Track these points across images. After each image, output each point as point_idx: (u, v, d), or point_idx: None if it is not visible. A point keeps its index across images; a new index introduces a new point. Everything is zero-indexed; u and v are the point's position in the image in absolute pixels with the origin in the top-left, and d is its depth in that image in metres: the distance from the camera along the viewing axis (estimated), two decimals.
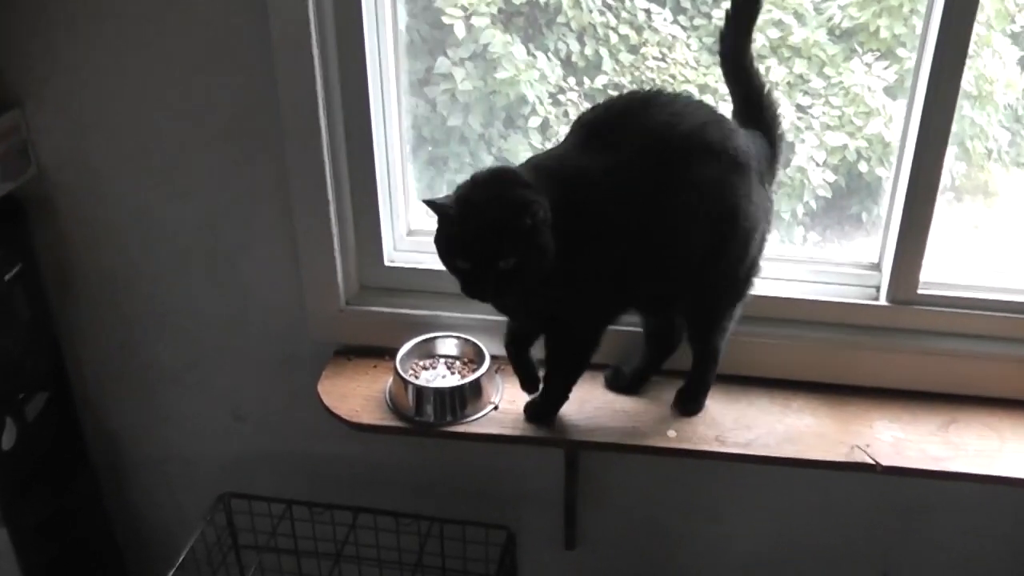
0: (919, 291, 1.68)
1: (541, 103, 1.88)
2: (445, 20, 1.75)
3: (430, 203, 1.38)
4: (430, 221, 1.79)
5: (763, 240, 1.52)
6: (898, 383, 1.70)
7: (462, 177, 1.89)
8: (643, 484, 1.88)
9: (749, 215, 1.45)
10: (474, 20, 1.79)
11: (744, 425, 1.61)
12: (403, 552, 1.84)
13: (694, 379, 1.62)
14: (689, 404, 1.63)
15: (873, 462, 1.56)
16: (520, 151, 1.85)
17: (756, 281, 1.55)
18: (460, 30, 1.76)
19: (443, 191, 1.79)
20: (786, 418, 1.64)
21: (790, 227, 1.86)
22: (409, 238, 1.79)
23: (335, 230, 1.69)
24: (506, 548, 1.81)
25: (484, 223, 1.32)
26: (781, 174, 2.11)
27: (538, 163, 1.43)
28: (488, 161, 1.91)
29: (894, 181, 1.68)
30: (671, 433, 1.59)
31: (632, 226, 1.40)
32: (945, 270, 1.72)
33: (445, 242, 1.38)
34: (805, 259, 1.75)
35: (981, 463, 1.58)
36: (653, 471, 1.84)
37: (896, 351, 1.69)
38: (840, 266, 1.73)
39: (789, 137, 2.07)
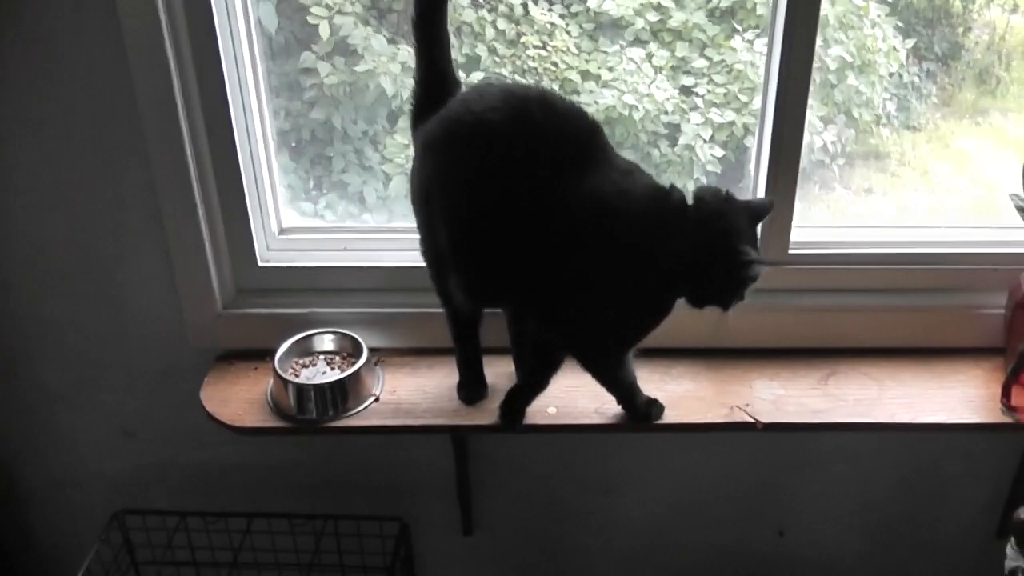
0: (790, 251, 1.70)
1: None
2: (311, 20, 1.73)
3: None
4: (302, 219, 1.78)
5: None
6: (777, 342, 1.72)
7: (348, 176, 1.90)
8: (535, 463, 1.88)
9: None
10: (338, 19, 1.77)
11: None
12: (300, 553, 1.82)
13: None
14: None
15: (753, 420, 1.57)
16: (399, 153, 1.85)
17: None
18: (325, 30, 1.74)
19: (329, 191, 1.82)
20: (666, 385, 1.64)
21: None
22: (281, 237, 1.76)
23: (206, 234, 1.67)
24: (400, 539, 1.80)
25: None
26: (670, 153, 2.13)
27: None
28: (375, 159, 1.89)
29: (758, 146, 1.69)
30: (551, 410, 1.59)
31: None
32: (817, 230, 1.74)
33: None
34: None
35: (861, 412, 1.61)
36: (543, 449, 1.84)
37: (772, 311, 1.70)
38: None
39: (675, 118, 2.09)
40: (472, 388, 1.62)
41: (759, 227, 1.42)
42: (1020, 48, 2.53)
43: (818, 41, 2.13)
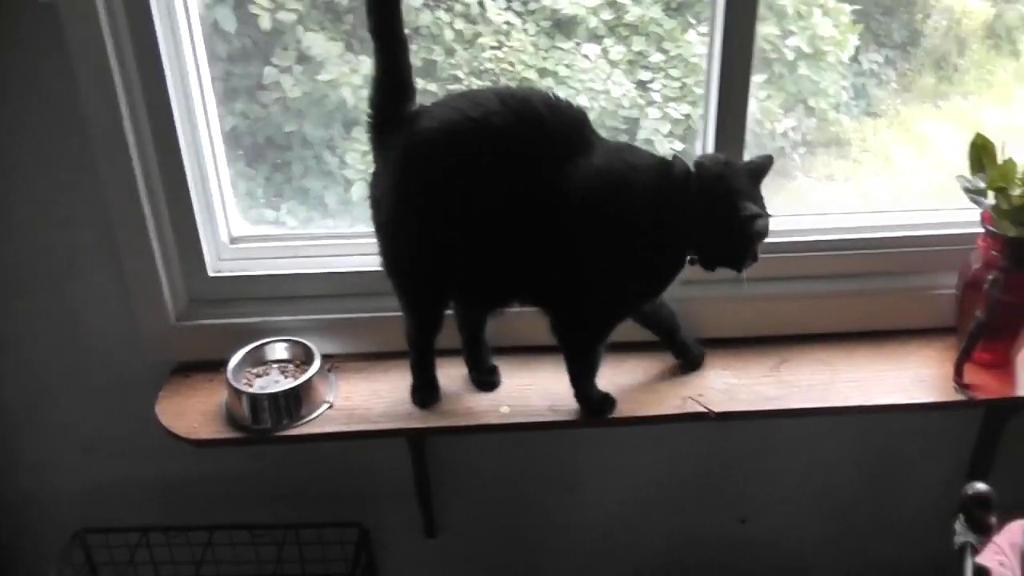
0: None
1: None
2: (262, 24, 1.72)
3: None
4: (252, 227, 1.78)
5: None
6: (730, 332, 1.72)
7: (308, 182, 1.89)
8: (494, 463, 1.89)
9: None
10: (281, 15, 1.76)
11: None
12: (262, 563, 1.82)
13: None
14: None
15: (706, 410, 1.57)
16: (357, 161, 1.84)
17: None
18: (265, 22, 1.73)
19: (292, 197, 1.81)
20: (619, 379, 1.65)
21: None
22: (233, 246, 1.76)
23: (156, 247, 1.66)
24: (360, 545, 1.80)
25: None
26: None
27: None
28: (334, 163, 1.89)
29: (703, 133, 1.70)
30: (504, 409, 1.59)
31: None
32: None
33: None
34: None
35: (814, 397, 1.62)
36: (501, 449, 1.84)
37: (725, 301, 1.70)
38: None
39: (635, 113, 2.09)
40: (426, 392, 1.62)
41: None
42: (978, 32, 2.55)
43: (776, 31, 2.15)
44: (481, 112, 1.37)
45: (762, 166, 1.45)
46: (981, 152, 1.63)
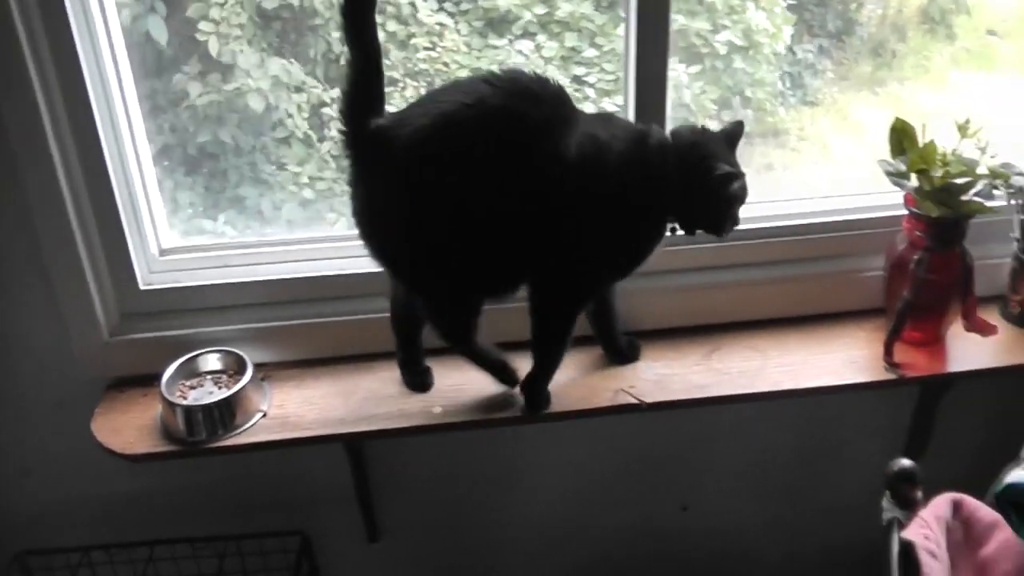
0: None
1: (296, 116, 1.86)
2: (199, 37, 1.72)
3: None
4: (181, 239, 1.77)
5: None
6: (661, 323, 1.74)
7: (244, 190, 1.88)
8: (434, 464, 1.89)
9: None
10: (224, 30, 1.76)
11: (508, 389, 1.61)
12: None
13: None
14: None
15: (638, 401, 1.58)
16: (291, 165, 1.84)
17: None
18: (214, 45, 1.73)
19: (228, 207, 1.81)
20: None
21: None
22: (163, 258, 1.75)
23: (86, 262, 1.65)
24: (301, 553, 1.80)
25: None
26: None
27: None
28: (269, 169, 1.88)
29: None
30: (436, 410, 1.59)
31: None
32: None
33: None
34: None
35: (744, 384, 1.64)
36: (439, 450, 1.85)
37: (655, 293, 1.72)
38: None
39: None
40: (508, 371, 1.61)
41: None
42: (915, 19, 2.58)
43: (707, 26, 2.17)
44: (475, 97, 1.38)
45: (735, 132, 1.52)
46: (902, 136, 1.66)
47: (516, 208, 1.41)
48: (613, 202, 1.45)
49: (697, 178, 1.44)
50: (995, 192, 1.68)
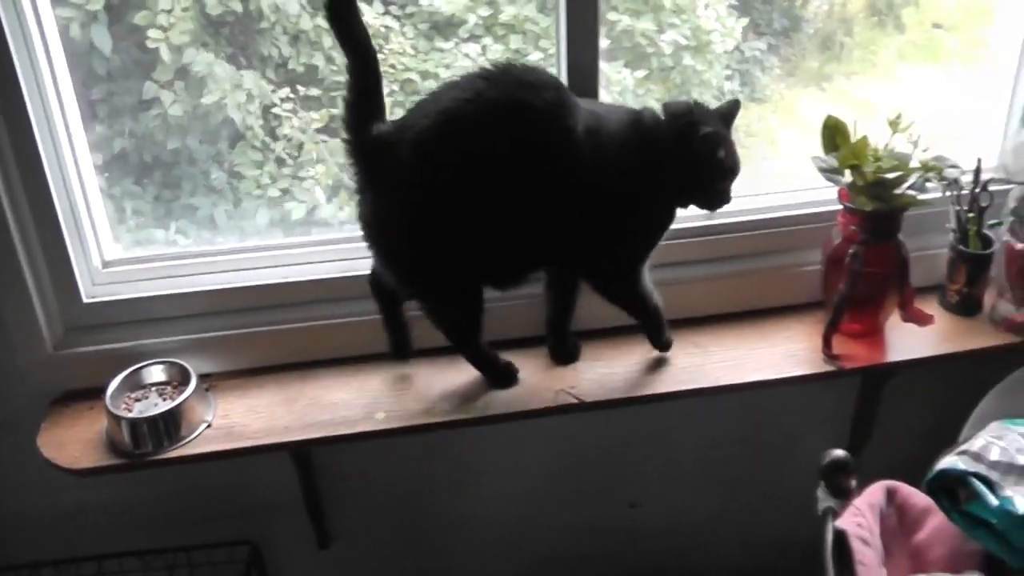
0: None
1: (253, 119, 1.86)
2: (149, 44, 1.72)
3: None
4: (123, 251, 1.76)
5: None
6: (603, 322, 1.75)
7: (198, 199, 1.88)
8: (382, 468, 1.90)
9: None
10: (174, 38, 1.76)
11: (451, 393, 1.64)
12: None
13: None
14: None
15: (578, 401, 1.60)
16: (246, 171, 1.86)
17: None
18: (165, 53, 1.73)
19: (181, 216, 1.82)
20: None
21: None
22: (106, 271, 1.74)
23: (29, 276, 1.64)
24: (251, 563, 1.80)
25: None
26: None
27: None
28: (222, 177, 1.88)
29: None
30: (379, 415, 1.60)
31: None
32: None
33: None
34: None
35: (685, 380, 1.66)
36: (387, 454, 1.85)
37: (594, 293, 1.72)
38: None
39: None
40: (507, 374, 1.66)
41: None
42: (862, 12, 2.61)
43: (652, 26, 2.18)
44: (472, 92, 1.41)
45: (730, 111, 1.56)
46: (834, 132, 1.68)
47: (527, 196, 1.44)
48: (619, 176, 1.48)
49: (685, 144, 1.47)
50: (928, 185, 1.71)
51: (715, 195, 1.54)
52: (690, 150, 1.47)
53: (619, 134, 1.49)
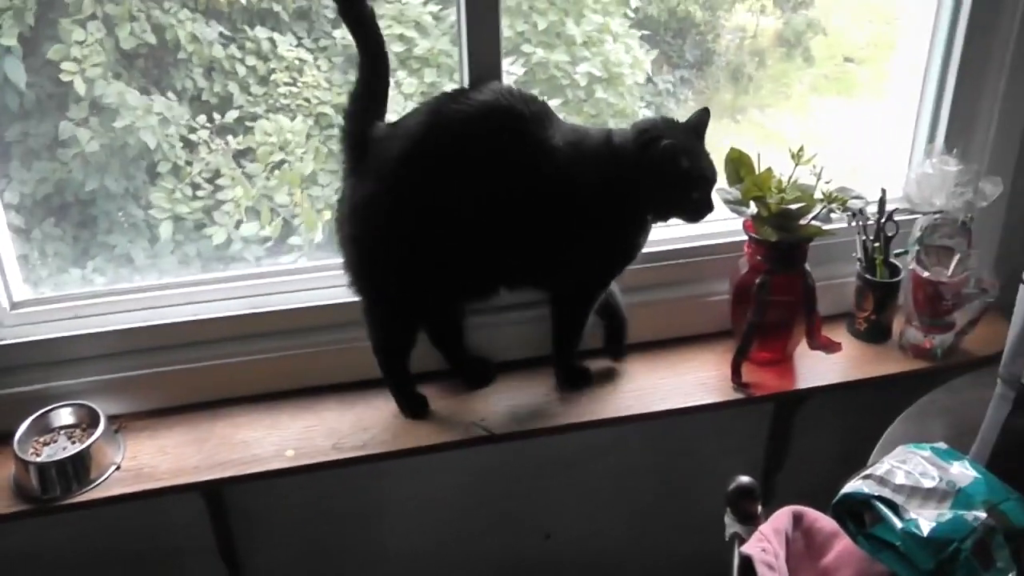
0: None
1: (171, 147, 1.87)
2: (64, 78, 1.73)
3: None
4: (32, 292, 1.74)
5: None
6: (512, 354, 1.78)
7: (115, 237, 1.87)
8: (294, 507, 1.88)
9: None
10: (90, 72, 1.75)
11: (361, 427, 1.63)
12: None
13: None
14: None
15: (488, 433, 1.61)
16: (162, 202, 1.87)
17: None
18: (80, 86, 1.72)
19: (98, 253, 1.82)
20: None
21: None
22: (14, 312, 1.72)
23: None
24: None
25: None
26: None
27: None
28: (140, 215, 1.88)
29: None
30: (289, 452, 1.59)
31: None
32: None
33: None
34: None
35: (595, 410, 1.68)
36: (299, 492, 1.84)
37: (501, 325, 1.77)
38: None
39: None
40: (418, 402, 1.68)
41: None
42: (770, 47, 2.67)
43: (566, 58, 2.22)
44: (464, 97, 1.49)
45: (699, 121, 1.59)
46: (738, 164, 1.71)
47: (504, 199, 1.49)
48: (594, 193, 1.53)
49: (650, 158, 1.51)
50: (833, 215, 1.75)
51: (690, 205, 1.57)
52: (653, 162, 1.51)
53: (593, 149, 1.54)
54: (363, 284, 1.58)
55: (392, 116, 1.56)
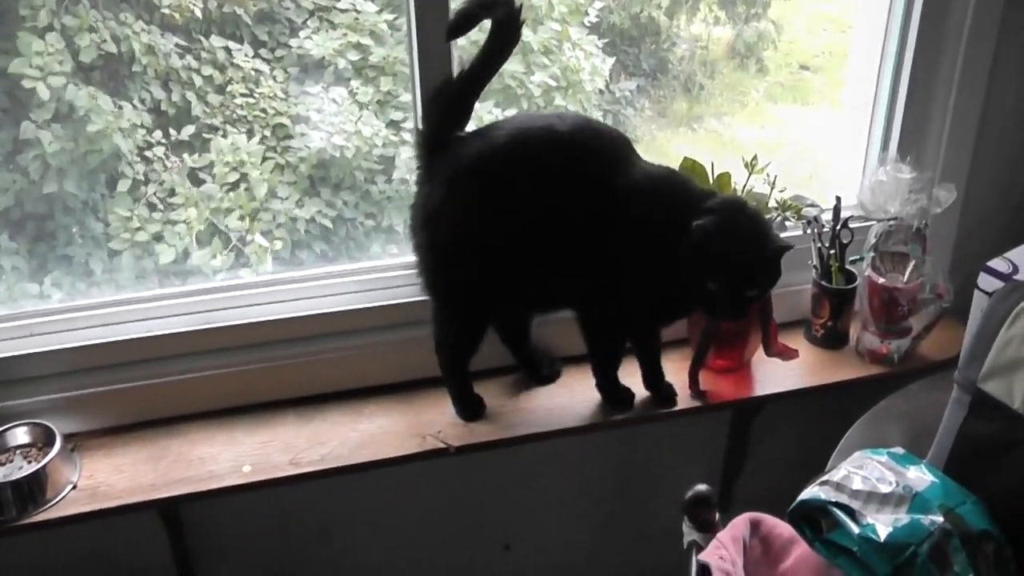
0: None
1: (131, 161, 1.86)
2: (26, 84, 1.73)
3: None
4: None
5: None
6: (472, 365, 1.75)
7: (73, 251, 1.85)
8: (253, 523, 1.87)
9: None
10: (52, 80, 1.74)
11: (318, 442, 1.63)
12: None
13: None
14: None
15: (445, 445, 1.61)
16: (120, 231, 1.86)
17: None
18: (44, 92, 1.71)
19: (56, 267, 1.80)
20: (359, 425, 1.67)
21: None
22: None
23: None
24: None
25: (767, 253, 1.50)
26: (388, 189, 2.16)
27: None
28: (98, 229, 1.86)
29: None
30: (246, 468, 1.59)
31: None
32: None
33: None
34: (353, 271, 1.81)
35: (552, 420, 1.68)
36: (258, 508, 1.83)
37: None
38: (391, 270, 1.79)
39: (390, 151, 2.11)
40: (475, 404, 1.69)
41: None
42: (723, 57, 2.70)
43: (521, 68, 2.22)
44: (545, 122, 1.53)
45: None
46: (692, 173, 1.72)
47: (566, 224, 1.51)
48: (653, 237, 1.51)
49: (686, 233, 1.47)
50: (788, 223, 1.77)
51: (704, 295, 1.51)
52: (680, 240, 1.47)
53: (657, 198, 1.53)
54: (435, 289, 1.60)
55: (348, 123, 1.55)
